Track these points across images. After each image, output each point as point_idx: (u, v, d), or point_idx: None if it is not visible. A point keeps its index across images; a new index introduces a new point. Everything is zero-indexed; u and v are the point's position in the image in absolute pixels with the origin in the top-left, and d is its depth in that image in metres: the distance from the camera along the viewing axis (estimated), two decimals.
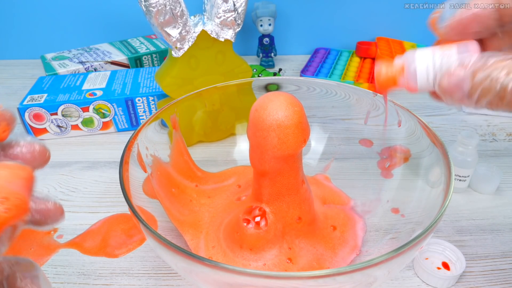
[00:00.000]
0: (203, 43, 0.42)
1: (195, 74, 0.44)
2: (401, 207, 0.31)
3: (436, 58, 0.19)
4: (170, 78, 0.43)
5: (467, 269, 0.31)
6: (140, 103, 0.49)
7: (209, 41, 0.42)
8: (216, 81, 0.44)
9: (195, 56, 0.42)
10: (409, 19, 0.71)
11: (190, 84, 0.44)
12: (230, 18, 0.41)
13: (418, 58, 0.19)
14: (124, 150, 0.28)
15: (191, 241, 0.31)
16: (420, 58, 0.19)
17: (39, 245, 0.34)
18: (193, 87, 0.44)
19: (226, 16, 0.41)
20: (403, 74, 0.20)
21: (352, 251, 0.30)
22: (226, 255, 0.29)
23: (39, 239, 0.34)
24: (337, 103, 0.38)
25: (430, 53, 0.19)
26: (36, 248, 0.33)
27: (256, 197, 0.30)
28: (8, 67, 0.71)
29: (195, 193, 0.35)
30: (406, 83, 0.20)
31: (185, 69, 0.43)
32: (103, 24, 0.71)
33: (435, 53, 0.19)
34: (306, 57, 0.71)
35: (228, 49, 0.44)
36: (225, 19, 0.41)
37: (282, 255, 0.29)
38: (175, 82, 0.43)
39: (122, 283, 0.31)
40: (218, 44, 0.43)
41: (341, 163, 0.38)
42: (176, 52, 0.41)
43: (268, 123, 0.25)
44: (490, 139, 0.48)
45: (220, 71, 0.45)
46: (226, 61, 0.44)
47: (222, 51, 0.43)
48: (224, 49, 0.43)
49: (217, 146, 0.43)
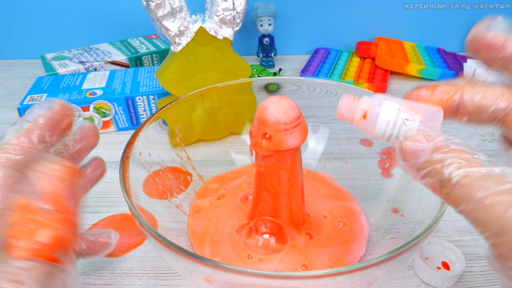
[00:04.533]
0: (202, 40, 0.42)
1: (193, 70, 0.44)
2: (401, 207, 0.31)
3: (399, 118, 0.19)
4: (169, 73, 0.43)
5: (467, 269, 0.31)
6: (140, 102, 0.49)
7: (207, 38, 0.42)
8: (215, 78, 0.44)
9: (194, 52, 0.43)
10: (409, 19, 0.71)
11: (189, 80, 0.44)
12: (229, 17, 0.42)
13: (383, 110, 0.19)
14: (124, 150, 0.28)
15: (197, 250, 0.31)
16: (385, 110, 0.19)
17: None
18: (192, 83, 0.44)
19: (225, 14, 0.41)
20: (363, 118, 0.20)
21: (362, 242, 0.31)
22: (236, 265, 0.29)
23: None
24: (337, 103, 0.37)
25: (396, 109, 0.19)
26: None
27: (263, 208, 0.30)
28: (8, 67, 0.71)
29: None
30: (364, 126, 0.20)
31: (184, 64, 0.43)
32: (103, 24, 0.71)
33: (401, 112, 0.19)
34: (306, 57, 0.71)
35: (227, 47, 0.44)
36: (224, 17, 0.41)
37: (297, 262, 0.29)
38: (174, 78, 0.43)
39: (122, 283, 0.31)
40: (217, 42, 0.43)
41: (341, 163, 0.38)
42: (175, 47, 0.42)
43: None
44: (490, 139, 0.48)
45: (219, 69, 0.45)
46: (225, 58, 0.44)
47: (221, 48, 0.44)
48: (223, 46, 0.44)
49: (217, 146, 0.43)
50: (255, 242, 0.29)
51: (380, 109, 0.19)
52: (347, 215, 0.33)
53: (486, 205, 0.14)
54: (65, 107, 0.20)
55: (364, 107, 0.20)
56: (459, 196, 0.14)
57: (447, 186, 0.15)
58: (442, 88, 0.19)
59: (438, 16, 0.70)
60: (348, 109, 0.21)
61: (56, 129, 0.19)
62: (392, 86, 0.62)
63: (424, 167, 0.16)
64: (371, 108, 0.20)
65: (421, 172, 0.16)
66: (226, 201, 0.35)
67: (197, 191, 0.36)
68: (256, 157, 0.28)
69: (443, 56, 0.68)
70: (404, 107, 0.19)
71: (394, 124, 0.19)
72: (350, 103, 0.20)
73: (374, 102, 0.19)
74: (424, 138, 0.16)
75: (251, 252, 0.29)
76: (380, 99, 0.19)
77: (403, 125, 0.18)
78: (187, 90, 0.43)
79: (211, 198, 0.36)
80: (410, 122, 0.18)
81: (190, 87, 0.43)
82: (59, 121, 0.19)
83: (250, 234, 0.30)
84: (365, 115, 0.20)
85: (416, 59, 0.65)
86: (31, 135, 0.17)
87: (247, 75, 0.46)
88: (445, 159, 0.15)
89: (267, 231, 0.30)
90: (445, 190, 0.15)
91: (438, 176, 0.15)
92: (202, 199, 0.36)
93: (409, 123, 0.18)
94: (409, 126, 0.18)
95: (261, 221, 0.30)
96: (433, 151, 0.16)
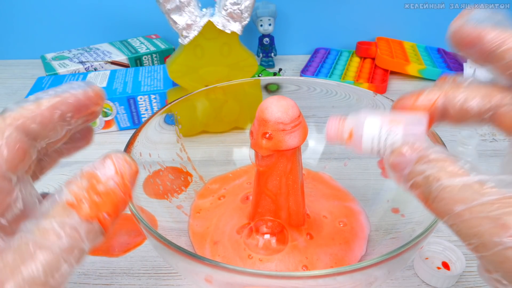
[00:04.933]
0: (209, 34, 0.43)
1: (200, 63, 0.45)
2: (401, 207, 0.31)
3: (382, 133, 0.19)
4: (175, 65, 0.45)
5: (467, 269, 0.31)
6: (142, 101, 0.50)
7: (215, 32, 0.43)
8: (221, 72, 0.46)
9: (201, 45, 0.44)
10: (409, 19, 0.71)
11: (195, 73, 0.45)
12: (236, 11, 0.42)
13: (366, 127, 0.19)
14: (124, 150, 0.28)
15: (198, 250, 0.31)
16: (368, 127, 0.19)
17: None
18: (198, 75, 0.45)
19: (233, 8, 0.42)
20: (350, 138, 0.21)
21: (363, 241, 0.31)
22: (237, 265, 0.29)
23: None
24: (337, 103, 0.38)
25: (378, 124, 0.19)
26: None
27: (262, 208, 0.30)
28: (8, 67, 0.71)
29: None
30: (352, 145, 0.21)
31: (191, 57, 0.44)
32: (103, 24, 0.71)
33: (383, 125, 0.19)
34: (306, 57, 0.71)
35: (235, 41, 0.45)
36: (232, 11, 0.42)
37: (297, 262, 0.29)
38: (180, 69, 0.45)
39: (122, 283, 0.31)
40: (224, 36, 0.44)
41: (341, 163, 0.38)
42: (182, 39, 0.43)
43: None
44: (490, 139, 0.48)
45: (225, 63, 0.45)
46: (232, 53, 0.45)
47: (228, 43, 0.44)
48: (230, 41, 0.44)
49: (217, 146, 0.43)
50: (255, 242, 0.29)
51: (363, 127, 0.19)
52: (347, 215, 0.33)
53: (465, 220, 0.13)
54: (98, 95, 0.19)
55: (350, 127, 0.21)
56: (440, 209, 0.14)
57: (429, 199, 0.15)
58: (426, 94, 0.19)
59: (438, 16, 0.70)
60: (335, 131, 0.21)
61: (79, 113, 0.19)
62: (392, 86, 0.62)
63: (408, 179, 0.16)
64: (355, 127, 0.20)
65: (407, 184, 0.16)
66: (226, 201, 0.35)
67: (198, 192, 0.36)
68: (256, 156, 0.28)
69: (443, 56, 0.68)
70: (386, 119, 0.19)
71: (379, 139, 0.19)
72: (336, 125, 0.21)
73: (359, 121, 0.20)
74: (409, 149, 0.16)
75: (252, 252, 0.29)
76: (363, 117, 0.20)
77: (386, 140, 0.19)
78: (193, 81, 0.45)
79: (211, 199, 0.36)
80: (393, 135, 0.19)
81: (196, 79, 0.45)
82: (86, 106, 0.19)
83: (250, 234, 0.30)
84: (351, 134, 0.20)
85: (416, 59, 0.65)
86: (55, 110, 0.17)
87: (254, 71, 0.47)
88: (424, 170, 0.15)
89: (268, 231, 0.30)
90: (428, 202, 0.15)
91: (420, 188, 0.15)
92: (203, 199, 0.36)
93: (391, 136, 0.19)
94: (392, 139, 0.18)
95: (262, 221, 0.30)
96: (416, 161, 0.15)
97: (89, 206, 0.15)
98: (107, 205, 0.15)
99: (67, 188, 0.15)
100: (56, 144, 0.20)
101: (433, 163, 0.15)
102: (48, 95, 0.18)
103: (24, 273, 0.13)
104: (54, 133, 0.18)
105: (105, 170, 0.16)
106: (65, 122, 0.18)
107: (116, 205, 0.16)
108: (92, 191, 0.15)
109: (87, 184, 0.15)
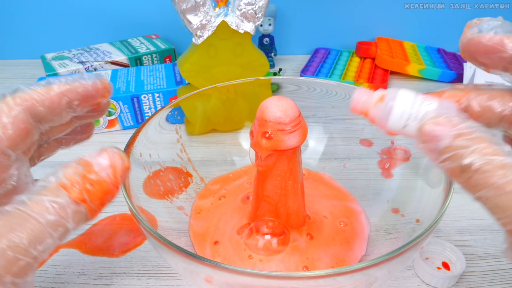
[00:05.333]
0: (223, 34, 0.43)
1: (213, 63, 0.45)
2: (401, 207, 0.31)
3: (415, 106, 0.18)
4: (188, 64, 0.45)
5: (467, 269, 0.31)
6: (145, 100, 0.50)
7: (228, 32, 0.43)
8: (233, 72, 0.46)
9: (214, 45, 0.44)
10: (409, 19, 0.71)
11: (208, 72, 0.45)
12: (250, 11, 0.42)
13: (399, 98, 0.19)
14: (124, 149, 0.28)
15: (198, 250, 0.31)
16: (401, 99, 0.19)
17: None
18: (211, 75, 0.45)
19: (247, 8, 0.42)
20: (380, 100, 0.20)
21: (363, 241, 0.31)
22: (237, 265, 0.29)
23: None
24: (337, 103, 0.38)
25: (412, 98, 0.19)
26: None
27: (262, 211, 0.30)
28: (8, 67, 0.71)
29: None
30: (380, 113, 0.20)
31: (204, 56, 0.44)
32: (103, 24, 0.71)
33: (416, 100, 0.19)
34: (306, 57, 0.71)
35: (247, 41, 0.45)
36: (245, 11, 0.42)
37: (298, 263, 0.29)
38: (193, 69, 0.45)
39: (122, 283, 0.31)
40: (237, 36, 0.44)
41: (341, 163, 0.38)
42: (196, 39, 0.43)
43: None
44: None
45: (237, 63, 0.46)
46: (244, 53, 0.45)
47: (240, 43, 0.45)
48: (243, 41, 0.45)
49: (217, 146, 0.43)
50: (255, 243, 0.29)
51: (398, 92, 0.19)
52: (348, 215, 0.33)
53: (506, 192, 0.14)
54: (106, 88, 0.21)
55: (381, 93, 0.20)
56: (479, 182, 0.15)
57: (468, 172, 0.15)
58: (449, 92, 0.20)
59: (438, 16, 0.70)
60: (364, 98, 0.20)
61: (86, 102, 0.20)
62: (392, 86, 0.62)
63: (446, 151, 0.16)
64: (388, 93, 0.20)
65: (441, 156, 0.16)
66: (227, 201, 0.35)
67: (199, 193, 0.36)
68: (256, 156, 0.28)
69: (443, 56, 0.68)
70: (420, 96, 0.19)
71: (413, 103, 0.18)
72: (366, 92, 0.20)
73: (389, 96, 0.20)
74: (448, 121, 0.16)
75: (252, 252, 0.29)
76: (394, 91, 0.19)
77: (422, 105, 0.18)
78: (206, 81, 0.45)
79: (212, 199, 0.36)
80: (428, 103, 0.18)
81: (208, 79, 0.45)
82: (93, 97, 0.20)
83: (251, 234, 0.30)
84: (382, 97, 0.20)
85: (416, 59, 0.65)
86: (63, 97, 0.19)
87: (266, 71, 0.47)
88: (469, 145, 0.15)
89: (268, 231, 0.30)
90: (466, 175, 0.15)
91: (459, 161, 0.15)
92: (203, 200, 0.36)
93: (428, 102, 0.18)
94: (426, 108, 0.18)
95: (263, 221, 0.30)
96: (456, 136, 0.15)
97: (80, 190, 0.16)
98: (97, 192, 0.17)
99: (62, 171, 0.16)
100: (59, 133, 0.21)
101: (477, 140, 0.15)
102: (59, 82, 0.19)
103: (9, 238, 0.14)
104: (59, 118, 0.19)
105: (100, 161, 0.17)
106: (71, 109, 0.19)
107: (104, 194, 0.17)
108: (85, 178, 0.16)
109: (82, 171, 0.16)
